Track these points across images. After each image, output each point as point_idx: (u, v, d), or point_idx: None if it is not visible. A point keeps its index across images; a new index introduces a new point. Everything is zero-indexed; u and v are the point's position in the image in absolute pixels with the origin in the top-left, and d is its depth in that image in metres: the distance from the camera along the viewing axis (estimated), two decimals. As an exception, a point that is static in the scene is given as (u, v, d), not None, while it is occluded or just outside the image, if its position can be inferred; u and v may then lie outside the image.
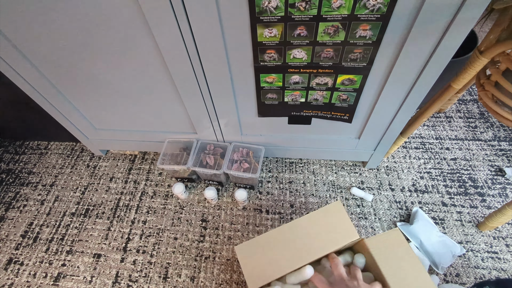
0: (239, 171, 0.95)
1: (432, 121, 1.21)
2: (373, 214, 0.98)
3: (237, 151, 1.01)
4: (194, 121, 0.92)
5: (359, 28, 0.58)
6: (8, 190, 1.12)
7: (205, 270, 0.90)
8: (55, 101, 0.90)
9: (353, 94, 0.75)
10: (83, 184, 1.12)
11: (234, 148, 1.00)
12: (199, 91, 0.80)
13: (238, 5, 0.57)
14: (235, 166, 0.99)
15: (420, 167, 1.08)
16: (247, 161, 1.00)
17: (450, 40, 0.58)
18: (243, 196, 0.96)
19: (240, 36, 0.63)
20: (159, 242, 0.96)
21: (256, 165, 0.98)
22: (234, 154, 1.00)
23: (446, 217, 0.96)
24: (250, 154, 1.01)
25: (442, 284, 0.85)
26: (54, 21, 0.64)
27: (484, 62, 0.69)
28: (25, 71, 0.79)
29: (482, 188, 1.02)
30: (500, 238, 0.91)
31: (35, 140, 1.27)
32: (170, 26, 0.61)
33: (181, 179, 1.06)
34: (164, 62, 0.71)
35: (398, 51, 0.63)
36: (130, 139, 1.07)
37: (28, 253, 0.97)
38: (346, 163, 1.11)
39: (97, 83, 0.81)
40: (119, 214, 1.03)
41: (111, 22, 0.63)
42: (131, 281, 0.89)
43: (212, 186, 1.05)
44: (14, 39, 0.70)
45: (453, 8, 0.53)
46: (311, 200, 1.02)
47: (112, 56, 0.72)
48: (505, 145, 1.11)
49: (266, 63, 0.68)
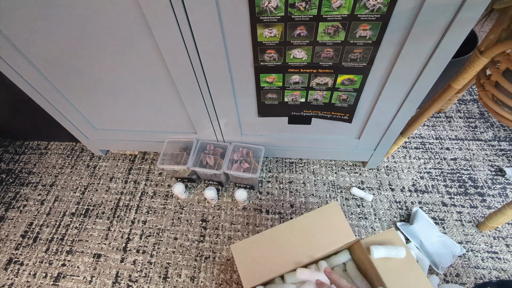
0: (239, 171, 0.95)
1: (432, 121, 1.21)
2: (373, 214, 0.98)
3: (237, 151, 1.01)
4: (194, 121, 0.92)
5: (359, 28, 0.58)
6: (8, 190, 1.12)
7: (205, 270, 0.90)
8: (55, 101, 0.90)
9: (353, 94, 0.75)
10: (83, 184, 1.12)
11: (234, 148, 1.00)
12: (199, 91, 0.80)
13: (238, 5, 0.57)
14: (235, 166, 0.99)
15: (420, 167, 1.08)
16: (247, 161, 1.00)
17: (450, 40, 0.58)
18: (243, 196, 0.96)
19: (240, 36, 0.63)
20: (159, 242, 0.96)
21: (256, 165, 0.99)
22: (234, 154, 1.00)
23: (446, 217, 0.96)
24: (250, 154, 1.01)
25: (442, 284, 0.85)
26: (54, 21, 0.64)
27: (484, 62, 0.69)
28: (25, 71, 0.79)
29: (482, 188, 1.02)
30: (500, 238, 0.91)
31: (35, 140, 1.27)
32: (170, 26, 0.61)
33: (181, 179, 1.06)
34: (164, 62, 0.71)
35: (398, 51, 0.63)
36: (130, 139, 1.07)
37: (28, 253, 0.97)
38: (346, 163, 1.11)
39: (97, 83, 0.81)
40: (119, 214, 1.03)
41: (111, 22, 0.63)
42: (131, 281, 0.89)
43: (212, 186, 1.05)
44: (14, 39, 0.70)
45: (453, 8, 0.53)
46: (311, 200, 1.02)
47: (112, 56, 0.72)
48: (505, 145, 1.11)
49: (266, 63, 0.68)
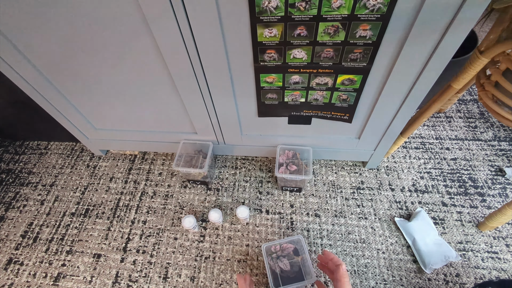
0: (286, 174, 0.94)
1: (432, 121, 1.21)
2: (373, 214, 0.98)
3: (283, 153, 1.00)
4: (194, 121, 0.92)
5: (359, 28, 0.58)
6: (8, 190, 1.12)
7: (205, 270, 0.90)
8: (55, 101, 0.90)
9: (353, 94, 0.75)
10: (83, 184, 1.12)
11: (280, 150, 0.99)
12: (199, 91, 0.80)
13: (238, 5, 0.57)
14: (282, 169, 0.96)
15: (420, 167, 1.08)
16: (295, 163, 0.98)
17: (450, 40, 0.58)
18: (245, 214, 0.94)
19: (240, 36, 0.63)
20: (159, 242, 0.96)
21: (305, 166, 0.96)
22: (280, 157, 0.98)
23: (446, 217, 0.96)
24: (298, 156, 0.99)
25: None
26: (54, 21, 0.64)
27: (484, 62, 0.69)
28: (25, 71, 0.79)
29: (482, 188, 1.02)
30: (500, 238, 0.91)
31: (35, 140, 1.27)
32: (170, 26, 0.61)
33: (193, 181, 1.07)
34: (164, 62, 0.71)
35: (398, 51, 0.63)
36: (130, 139, 1.07)
37: (28, 253, 0.97)
38: (346, 163, 1.11)
39: (97, 83, 0.81)
40: (119, 214, 1.03)
41: (111, 22, 0.63)
42: (131, 281, 0.89)
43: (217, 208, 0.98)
44: (14, 39, 0.70)
45: (453, 8, 0.53)
46: (311, 200, 1.02)
47: (112, 56, 0.72)
48: (505, 145, 1.11)
49: (266, 63, 0.68)
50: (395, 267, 0.88)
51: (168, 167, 1.14)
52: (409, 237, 0.91)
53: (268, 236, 0.96)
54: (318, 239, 0.94)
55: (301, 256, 0.85)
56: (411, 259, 0.89)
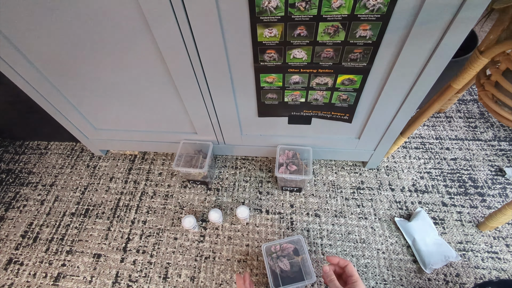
0: (286, 174, 0.94)
1: (432, 121, 1.21)
2: (373, 214, 0.98)
3: (283, 153, 0.99)
4: (194, 121, 0.92)
5: (359, 28, 0.58)
6: (8, 190, 1.12)
7: (205, 270, 0.90)
8: (55, 101, 0.90)
9: (353, 94, 0.75)
10: (83, 184, 1.12)
11: (280, 150, 0.99)
12: (199, 91, 0.80)
13: (238, 5, 0.57)
14: (282, 169, 0.96)
15: (420, 167, 1.08)
16: (295, 163, 0.98)
17: (450, 40, 0.58)
18: (245, 214, 0.94)
19: (240, 36, 0.63)
20: (159, 242, 0.96)
21: (305, 167, 0.96)
22: (280, 157, 0.98)
23: (446, 217, 0.96)
24: (298, 156, 0.99)
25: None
26: (54, 21, 0.64)
27: (484, 62, 0.69)
28: (25, 71, 0.79)
29: (482, 188, 1.02)
30: (500, 238, 0.91)
31: (35, 140, 1.27)
32: (170, 26, 0.61)
33: (193, 181, 1.06)
34: (164, 62, 0.71)
35: (398, 51, 0.63)
36: (130, 139, 1.07)
37: (28, 253, 0.97)
38: (346, 163, 1.11)
39: (97, 83, 0.81)
40: (119, 214, 1.03)
41: (111, 22, 0.63)
42: (131, 281, 0.89)
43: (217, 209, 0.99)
44: (14, 39, 0.70)
45: (453, 8, 0.53)
46: (311, 200, 1.02)
47: (112, 56, 0.72)
48: (505, 145, 1.11)
49: (266, 63, 0.68)
50: (395, 267, 0.88)
51: (168, 167, 1.14)
52: (409, 237, 0.91)
53: (268, 236, 0.96)
54: (318, 239, 0.94)
55: (301, 256, 0.85)
56: (411, 259, 0.89)
